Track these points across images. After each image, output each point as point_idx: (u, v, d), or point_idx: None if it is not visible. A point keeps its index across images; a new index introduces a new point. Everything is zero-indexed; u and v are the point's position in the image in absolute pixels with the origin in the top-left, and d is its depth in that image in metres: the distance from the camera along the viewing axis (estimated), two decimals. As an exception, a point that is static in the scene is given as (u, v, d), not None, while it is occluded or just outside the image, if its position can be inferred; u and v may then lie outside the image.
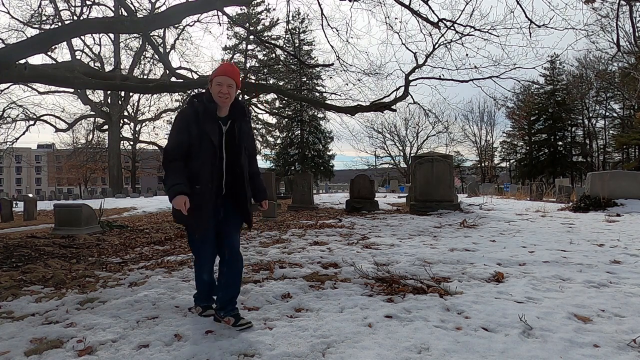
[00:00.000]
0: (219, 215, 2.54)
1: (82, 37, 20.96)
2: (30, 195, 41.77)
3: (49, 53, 12.73)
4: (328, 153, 41.86)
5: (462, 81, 11.42)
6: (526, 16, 8.79)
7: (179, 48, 29.53)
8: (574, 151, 44.80)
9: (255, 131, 36.19)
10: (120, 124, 33.06)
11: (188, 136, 2.40)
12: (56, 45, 12.08)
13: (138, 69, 28.01)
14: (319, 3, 11.50)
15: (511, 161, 49.14)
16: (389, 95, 11.36)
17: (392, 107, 10.52)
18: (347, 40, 12.18)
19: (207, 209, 2.43)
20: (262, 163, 39.23)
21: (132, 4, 11.77)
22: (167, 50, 20.17)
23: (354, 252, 4.82)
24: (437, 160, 10.09)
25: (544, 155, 44.66)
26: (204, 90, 2.58)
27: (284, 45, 28.64)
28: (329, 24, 10.87)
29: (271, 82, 28.14)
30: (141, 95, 30.98)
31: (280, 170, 36.62)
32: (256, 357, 2.09)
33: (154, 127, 51.48)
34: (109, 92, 27.83)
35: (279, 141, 39.81)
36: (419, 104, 12.84)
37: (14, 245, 6.06)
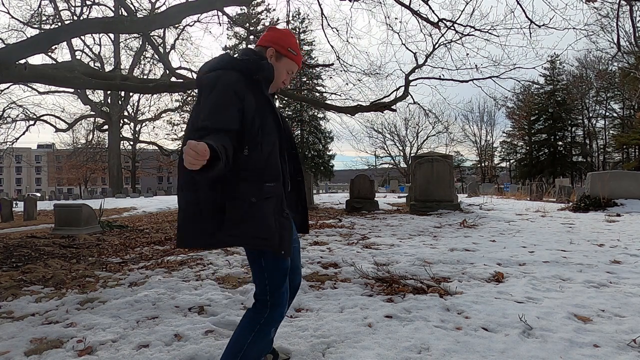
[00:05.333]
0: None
1: (82, 37, 20.96)
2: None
3: (49, 53, 12.75)
4: (328, 153, 41.95)
5: (462, 81, 11.43)
6: (526, 16, 8.79)
7: (179, 48, 29.51)
8: (574, 151, 44.84)
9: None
10: (120, 124, 33.10)
11: (240, 110, 1.55)
12: (56, 45, 12.09)
13: (138, 69, 28.02)
14: (319, 3, 11.51)
15: (511, 161, 49.21)
16: (389, 95, 11.37)
17: (392, 107, 10.52)
18: (347, 40, 12.18)
19: (289, 217, 1.72)
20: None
21: (132, 4, 11.77)
22: (167, 50, 20.15)
23: (354, 252, 4.82)
24: (437, 160, 10.09)
25: (544, 155, 44.71)
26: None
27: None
28: (329, 24, 10.87)
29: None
30: (141, 95, 30.99)
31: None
32: (256, 357, 2.09)
33: (154, 127, 51.63)
34: (109, 92, 27.84)
35: (279, 141, 39.82)
36: (419, 104, 12.85)
37: (14, 245, 6.06)
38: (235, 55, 1.70)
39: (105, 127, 31.32)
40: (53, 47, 11.31)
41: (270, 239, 1.61)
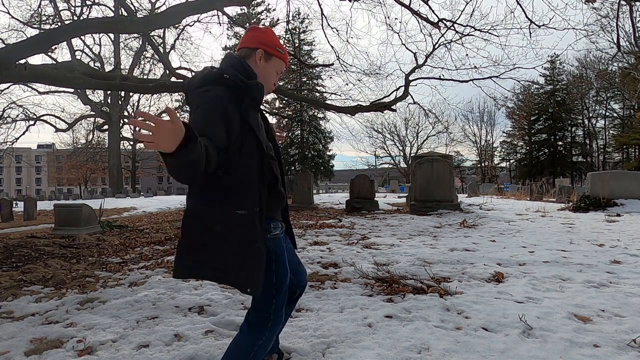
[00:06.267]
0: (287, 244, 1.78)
1: (82, 37, 20.97)
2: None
3: (49, 53, 12.74)
4: (328, 153, 41.92)
5: (462, 81, 11.42)
6: (526, 16, 8.79)
7: (179, 48, 29.61)
8: (574, 151, 44.82)
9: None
10: (120, 124, 33.08)
11: (227, 132, 1.42)
12: (56, 45, 12.08)
13: (138, 69, 28.00)
14: (319, 3, 11.52)
15: (511, 161, 49.20)
16: (389, 95, 11.36)
17: (392, 107, 10.51)
18: (347, 40, 12.18)
19: (260, 250, 1.53)
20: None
21: (132, 4, 11.77)
22: (167, 50, 20.15)
23: (354, 252, 4.82)
24: (437, 160, 10.09)
25: (544, 155, 44.69)
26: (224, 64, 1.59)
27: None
28: (329, 24, 10.87)
29: (271, 82, 28.12)
30: (141, 95, 30.98)
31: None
32: (256, 357, 2.09)
33: (154, 127, 51.47)
34: (109, 92, 27.84)
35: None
36: (419, 104, 12.84)
37: (14, 245, 6.06)
38: (220, 69, 1.55)
39: (105, 127, 31.32)
40: (53, 47, 11.31)
41: (232, 274, 1.46)
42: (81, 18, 12.43)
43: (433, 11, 9.64)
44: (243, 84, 1.51)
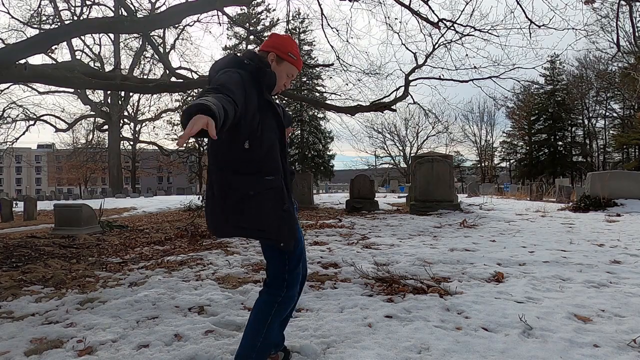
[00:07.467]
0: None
1: (82, 37, 20.96)
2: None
3: (49, 53, 12.75)
4: (328, 153, 41.97)
5: (462, 81, 11.44)
6: (526, 16, 8.80)
7: (179, 48, 29.51)
8: (574, 151, 44.82)
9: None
10: (120, 124, 33.12)
11: (245, 103, 1.57)
12: (56, 45, 12.09)
13: (138, 69, 28.03)
14: (319, 3, 11.53)
15: (511, 161, 49.20)
16: (389, 95, 11.38)
17: (392, 107, 10.52)
18: (347, 40, 12.18)
19: (289, 210, 1.76)
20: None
21: (132, 4, 11.76)
22: (167, 50, 20.13)
23: (354, 252, 4.82)
24: (437, 160, 10.09)
25: (544, 155, 44.69)
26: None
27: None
28: (329, 24, 10.87)
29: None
30: (141, 95, 31.01)
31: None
32: (256, 357, 2.09)
33: (154, 127, 51.58)
34: (109, 92, 27.85)
35: (279, 141, 39.87)
36: (419, 104, 12.87)
37: (14, 245, 6.05)
38: (240, 56, 1.76)
39: (105, 127, 31.35)
40: (53, 47, 11.32)
41: (267, 231, 1.69)
42: (81, 18, 12.43)
43: (433, 11, 9.66)
44: (261, 68, 1.72)
